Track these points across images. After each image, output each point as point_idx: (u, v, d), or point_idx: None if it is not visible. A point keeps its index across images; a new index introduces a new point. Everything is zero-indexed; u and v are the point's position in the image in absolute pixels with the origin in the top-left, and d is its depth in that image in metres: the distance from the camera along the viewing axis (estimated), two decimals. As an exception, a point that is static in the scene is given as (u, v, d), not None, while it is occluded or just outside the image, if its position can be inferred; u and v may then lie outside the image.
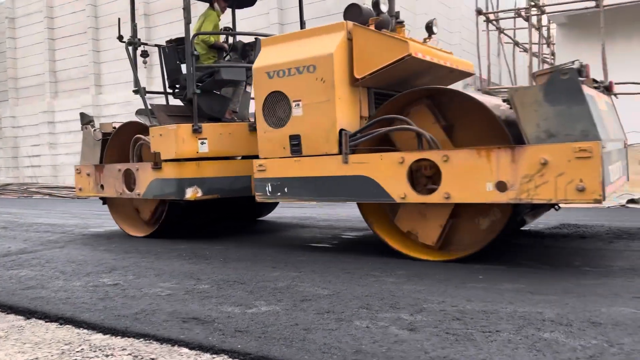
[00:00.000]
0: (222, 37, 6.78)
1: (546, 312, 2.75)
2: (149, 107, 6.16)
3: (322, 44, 4.46)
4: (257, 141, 5.09)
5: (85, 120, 6.95)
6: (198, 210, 6.83)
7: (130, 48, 6.25)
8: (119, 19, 6.75)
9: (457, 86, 6.23)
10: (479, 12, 13.82)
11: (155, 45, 6.93)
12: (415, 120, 4.22)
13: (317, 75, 4.43)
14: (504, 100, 3.99)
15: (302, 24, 6.79)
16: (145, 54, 6.45)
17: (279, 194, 4.74)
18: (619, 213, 7.48)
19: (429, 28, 5.10)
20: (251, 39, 6.60)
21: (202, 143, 5.58)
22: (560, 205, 4.47)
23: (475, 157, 3.75)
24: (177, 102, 6.82)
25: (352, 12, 4.68)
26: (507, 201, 3.66)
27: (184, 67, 6.19)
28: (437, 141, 4.07)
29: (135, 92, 6.26)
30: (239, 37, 6.87)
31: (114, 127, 6.58)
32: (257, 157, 5.54)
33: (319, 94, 4.43)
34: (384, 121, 4.32)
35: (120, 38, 6.38)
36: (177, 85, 6.53)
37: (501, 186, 3.66)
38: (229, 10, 7.12)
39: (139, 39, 6.35)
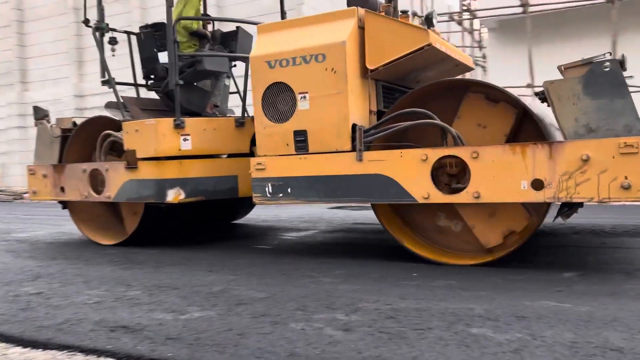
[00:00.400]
0: (202, 24, 6.21)
1: (476, 308, 2.84)
2: (121, 100, 5.57)
3: (332, 32, 4.13)
4: (243, 138, 4.82)
5: (40, 114, 6.18)
6: (168, 214, 6.03)
7: (97, 34, 5.58)
8: (85, 0, 5.85)
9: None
10: (414, 14, 14.15)
11: (125, 32, 6.26)
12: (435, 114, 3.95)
13: (327, 65, 4.08)
14: (535, 94, 3.85)
15: (283, 14, 6.32)
16: (113, 41, 5.73)
17: (280, 195, 4.32)
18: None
19: (428, 20, 4.68)
20: (230, 27, 6.13)
21: (185, 140, 5.04)
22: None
23: (508, 154, 3.54)
24: (150, 95, 6.27)
25: (357, 0, 4.35)
26: (544, 200, 3.49)
27: (161, 56, 5.65)
28: (462, 137, 3.82)
29: (105, 82, 5.61)
30: (217, 26, 6.47)
31: (74, 123, 5.95)
32: (245, 154, 5.22)
33: (329, 85, 4.09)
34: (400, 116, 4.03)
35: (86, 22, 5.74)
36: (153, 76, 5.90)
37: (537, 184, 3.47)
38: None
39: (107, 24, 5.68)
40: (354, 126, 4.08)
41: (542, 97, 3.70)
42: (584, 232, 5.35)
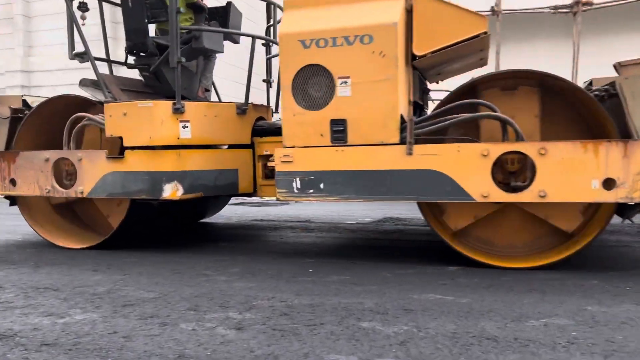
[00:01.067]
0: None
1: (366, 302, 2.92)
2: (102, 78, 4.70)
3: (380, 11, 3.74)
4: (244, 127, 4.39)
5: None
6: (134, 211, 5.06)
7: (69, 1, 4.79)
8: None
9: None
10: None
11: None
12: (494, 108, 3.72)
13: (374, 48, 3.67)
14: (604, 89, 3.64)
15: None
16: (84, 7, 4.94)
17: (311, 191, 3.87)
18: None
19: None
20: (218, 2, 5.52)
21: (184, 127, 4.37)
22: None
23: (579, 151, 3.35)
24: (127, 74, 5.42)
25: None
26: (616, 200, 3.34)
27: (152, 29, 4.89)
28: (521, 133, 3.59)
29: (78, 56, 4.78)
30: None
31: (25, 102, 5.01)
32: (244, 146, 4.78)
33: (375, 71, 3.68)
34: (453, 108, 3.74)
35: None
36: (142, 53, 5.00)
37: (609, 184, 3.32)
38: None
39: None
40: (402, 117, 3.73)
41: (608, 93, 3.56)
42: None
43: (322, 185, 3.85)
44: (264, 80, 5.55)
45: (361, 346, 2.27)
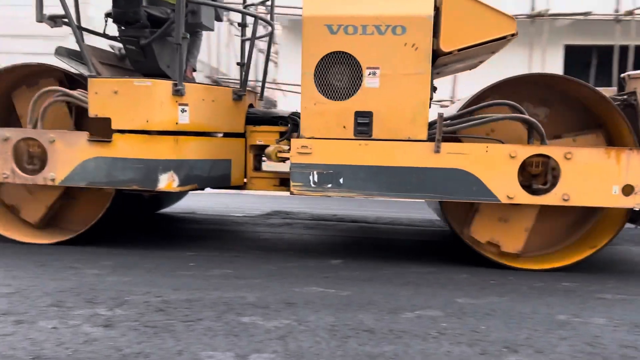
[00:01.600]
0: None
1: (248, 296, 2.86)
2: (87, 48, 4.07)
3: (413, 2, 3.64)
4: (239, 114, 4.00)
5: None
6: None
7: None
8: None
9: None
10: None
11: None
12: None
13: (406, 39, 3.57)
14: (619, 94, 3.72)
15: None
16: None
17: (329, 185, 3.68)
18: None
19: None
20: None
21: (183, 111, 3.95)
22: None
23: (603, 157, 3.47)
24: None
25: None
26: (634, 206, 3.49)
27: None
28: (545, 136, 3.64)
29: (52, 20, 4.08)
30: None
31: None
32: (237, 135, 4.34)
33: (407, 63, 3.59)
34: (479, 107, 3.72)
35: None
36: (131, 23, 4.29)
37: (628, 190, 3.46)
38: None
39: None
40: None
41: (627, 102, 3.69)
42: (347, 221, 5.88)
43: (341, 180, 3.69)
44: (238, 64, 5.15)
45: (239, 342, 2.21)
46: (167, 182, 3.87)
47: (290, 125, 4.32)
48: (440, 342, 2.29)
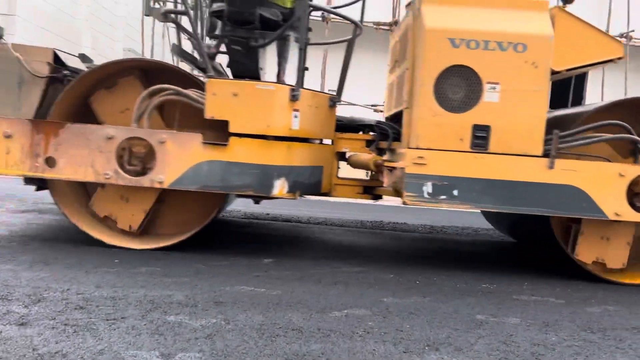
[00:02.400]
0: None
1: (175, 295, 2.80)
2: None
3: (534, 22, 3.73)
4: (331, 122, 4.02)
5: None
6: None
7: None
8: None
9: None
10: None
11: None
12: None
13: (527, 57, 3.65)
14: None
15: None
16: None
17: (443, 197, 3.68)
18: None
19: None
20: None
21: (295, 117, 3.88)
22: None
23: None
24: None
25: None
26: None
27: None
28: None
29: (164, 15, 4.00)
30: None
31: (58, 56, 3.85)
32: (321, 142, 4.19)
33: (527, 80, 3.66)
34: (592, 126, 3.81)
35: None
36: (247, 24, 4.11)
37: None
38: None
39: None
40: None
41: None
42: (280, 220, 5.89)
43: (455, 192, 3.72)
44: (305, 69, 4.86)
45: (165, 341, 2.16)
46: (279, 188, 3.86)
47: (377, 133, 4.40)
48: (366, 341, 2.35)
